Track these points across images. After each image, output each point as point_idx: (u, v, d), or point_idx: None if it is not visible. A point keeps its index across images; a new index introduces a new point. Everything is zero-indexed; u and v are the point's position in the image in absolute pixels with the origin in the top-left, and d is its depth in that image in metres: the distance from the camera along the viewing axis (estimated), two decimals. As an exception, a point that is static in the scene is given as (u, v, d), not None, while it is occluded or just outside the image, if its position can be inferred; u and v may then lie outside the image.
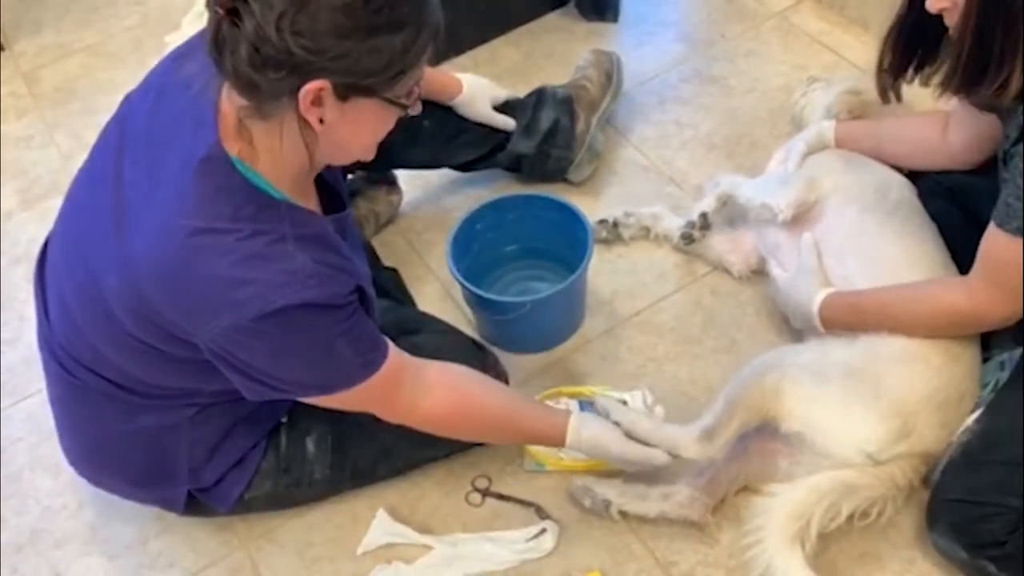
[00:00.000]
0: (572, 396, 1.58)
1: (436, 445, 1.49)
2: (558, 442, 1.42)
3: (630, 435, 1.46)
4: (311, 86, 1.06)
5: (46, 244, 1.40)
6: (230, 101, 1.15)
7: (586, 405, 1.54)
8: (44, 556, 1.56)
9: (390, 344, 1.28)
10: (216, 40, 1.06)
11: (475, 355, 1.53)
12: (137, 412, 1.34)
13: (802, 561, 1.33)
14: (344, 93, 1.09)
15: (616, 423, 1.45)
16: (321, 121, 1.12)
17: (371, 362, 1.25)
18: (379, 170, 1.89)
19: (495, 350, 1.60)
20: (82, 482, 1.52)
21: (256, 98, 1.10)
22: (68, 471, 1.52)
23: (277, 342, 1.17)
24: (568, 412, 1.45)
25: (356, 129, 1.17)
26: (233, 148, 1.16)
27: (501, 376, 1.54)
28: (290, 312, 1.13)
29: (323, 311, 1.17)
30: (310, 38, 1.03)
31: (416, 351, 1.38)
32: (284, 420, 1.44)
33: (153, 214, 1.18)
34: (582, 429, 1.41)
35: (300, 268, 1.14)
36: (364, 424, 1.40)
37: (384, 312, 1.58)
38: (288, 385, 1.23)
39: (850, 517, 1.37)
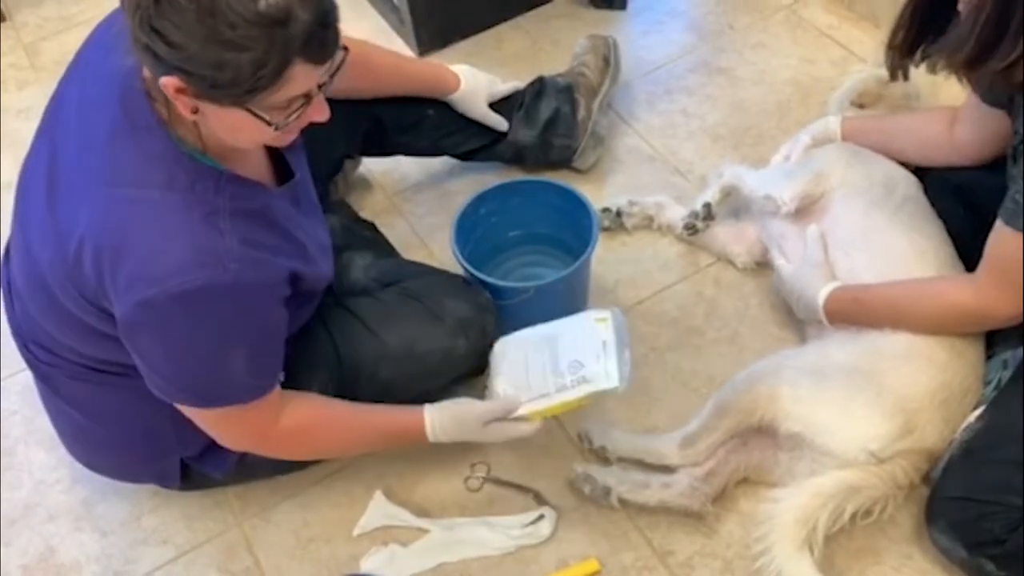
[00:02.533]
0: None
1: (437, 377, 1.52)
2: (419, 436, 1.40)
3: (616, 454, 1.51)
4: (168, 80, 1.05)
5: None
6: None
7: None
8: (37, 530, 1.55)
9: (279, 377, 1.29)
10: (124, 4, 1.04)
11: (466, 292, 1.54)
12: (105, 390, 1.34)
13: (813, 566, 1.33)
14: (199, 94, 1.07)
15: (601, 447, 1.52)
16: (196, 111, 1.10)
17: (259, 388, 1.25)
18: (377, 155, 1.89)
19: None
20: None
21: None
22: (62, 447, 1.51)
23: (178, 330, 1.15)
24: (423, 406, 1.42)
25: (231, 128, 1.14)
26: (164, 114, 1.15)
27: (494, 319, 1.54)
28: (203, 294, 1.12)
29: (236, 301, 1.15)
30: (161, 35, 1.01)
31: (408, 296, 1.42)
32: (281, 378, 1.44)
33: (82, 181, 1.17)
34: (436, 421, 1.39)
35: (225, 250, 1.13)
36: (364, 368, 1.43)
37: (367, 268, 1.60)
38: (170, 384, 1.21)
39: (852, 516, 1.36)
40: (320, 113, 1.16)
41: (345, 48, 1.13)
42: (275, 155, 1.33)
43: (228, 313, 1.16)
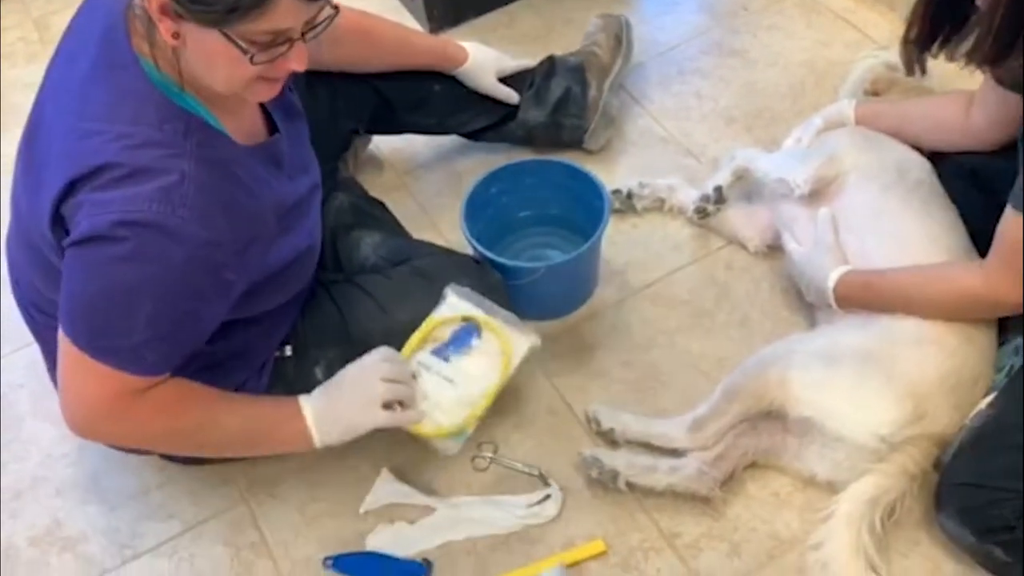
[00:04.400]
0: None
1: None
2: (300, 431, 1.33)
3: (624, 436, 1.49)
4: None
5: None
6: None
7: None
8: (44, 503, 1.55)
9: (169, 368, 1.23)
10: None
11: (475, 271, 1.54)
12: None
13: None
14: (178, 12, 1.06)
15: (610, 429, 1.51)
16: (177, 36, 1.08)
17: (144, 362, 1.18)
18: (385, 133, 1.88)
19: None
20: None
21: None
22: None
23: (101, 259, 1.11)
24: (298, 402, 1.34)
25: (206, 58, 1.11)
26: (145, 49, 1.14)
27: (502, 296, 1.53)
28: (143, 231, 1.09)
29: (169, 253, 1.11)
30: None
31: (418, 275, 1.42)
32: (289, 354, 1.43)
33: (57, 122, 1.17)
34: (316, 404, 1.33)
35: (180, 195, 1.10)
36: (373, 344, 1.41)
37: (376, 246, 1.60)
38: (71, 311, 1.16)
39: (882, 523, 1.36)
40: (300, 62, 1.14)
41: (335, 8, 1.12)
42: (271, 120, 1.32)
43: (155, 262, 1.12)
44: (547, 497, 1.48)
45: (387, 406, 1.36)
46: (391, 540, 1.45)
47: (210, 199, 1.13)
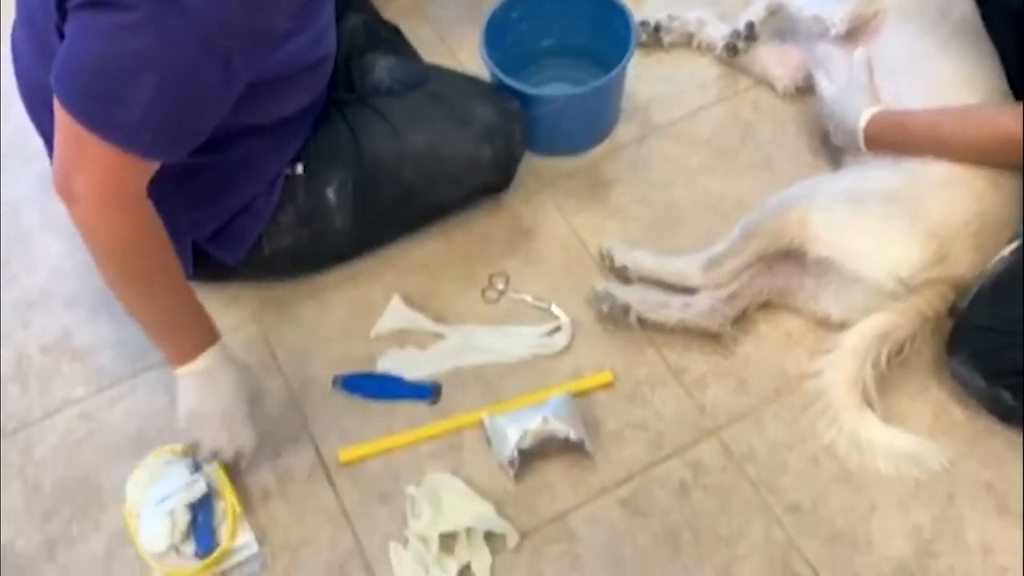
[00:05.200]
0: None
1: (460, 184, 1.49)
2: (193, 343, 1.25)
3: (638, 273, 1.48)
4: None
5: None
6: None
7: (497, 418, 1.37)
8: (55, 315, 1.55)
9: (153, 168, 1.16)
10: None
11: (495, 98, 1.50)
12: None
13: (881, 423, 1.33)
14: None
15: (623, 266, 1.49)
16: None
17: (143, 140, 1.12)
18: None
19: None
20: (94, 247, 1.49)
21: None
22: (79, 235, 1.49)
23: (110, 21, 1.06)
24: (218, 336, 1.28)
25: None
26: None
27: (521, 129, 1.49)
28: (151, 1, 1.03)
29: (173, 30, 1.05)
30: None
31: (434, 98, 1.37)
32: (300, 172, 1.40)
33: None
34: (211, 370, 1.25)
35: None
36: (385, 168, 1.39)
37: (391, 69, 1.55)
38: (71, 77, 1.10)
39: (888, 359, 1.35)
40: None
41: None
42: None
43: (163, 34, 1.06)
44: (557, 328, 1.47)
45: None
46: (401, 363, 1.45)
47: None
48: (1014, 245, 1.36)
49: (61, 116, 1.12)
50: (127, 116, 1.10)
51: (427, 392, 1.42)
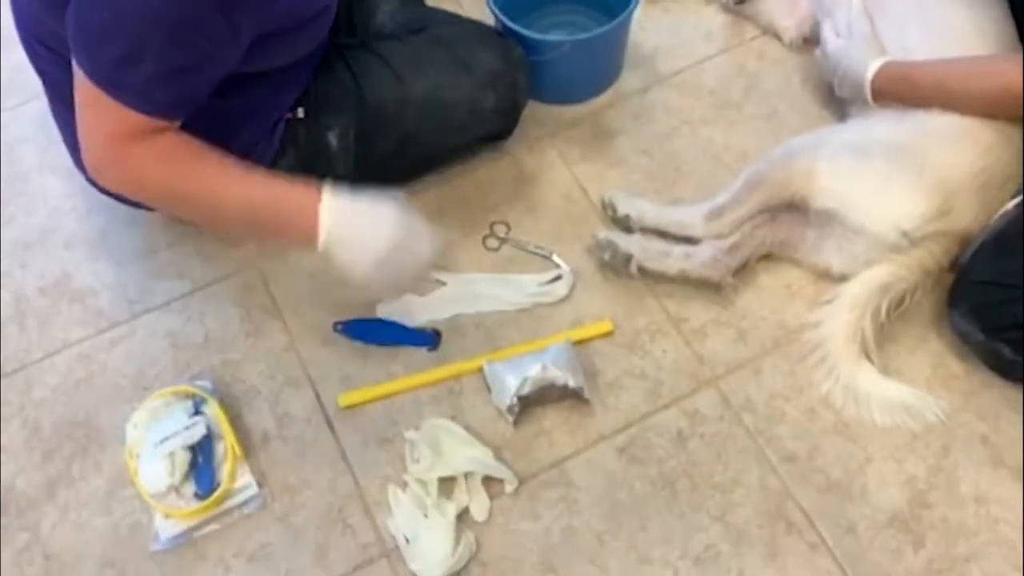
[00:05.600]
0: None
1: (463, 131, 1.48)
2: (305, 218, 1.19)
3: (640, 223, 1.47)
4: None
5: None
6: None
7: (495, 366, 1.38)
8: (53, 255, 1.55)
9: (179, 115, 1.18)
10: None
11: (499, 44, 1.48)
12: None
13: (878, 373, 1.34)
14: None
15: (625, 215, 1.48)
16: None
17: (154, 101, 1.13)
18: None
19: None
20: (93, 188, 1.48)
21: None
22: (79, 176, 1.48)
23: None
24: (319, 188, 1.19)
25: None
26: None
27: (525, 76, 1.48)
28: None
29: None
30: None
31: (437, 43, 1.35)
32: (301, 116, 1.39)
33: None
34: (336, 204, 1.19)
35: None
36: (387, 113, 1.38)
37: (394, 13, 1.53)
38: (85, 40, 1.11)
39: (888, 311, 1.36)
40: None
41: None
42: None
43: None
44: (558, 277, 1.47)
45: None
46: (401, 310, 1.45)
47: None
48: (1017, 200, 1.36)
49: (79, 77, 1.14)
50: (139, 75, 1.11)
51: (428, 339, 1.42)
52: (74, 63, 1.14)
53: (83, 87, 1.15)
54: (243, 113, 1.35)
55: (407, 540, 1.27)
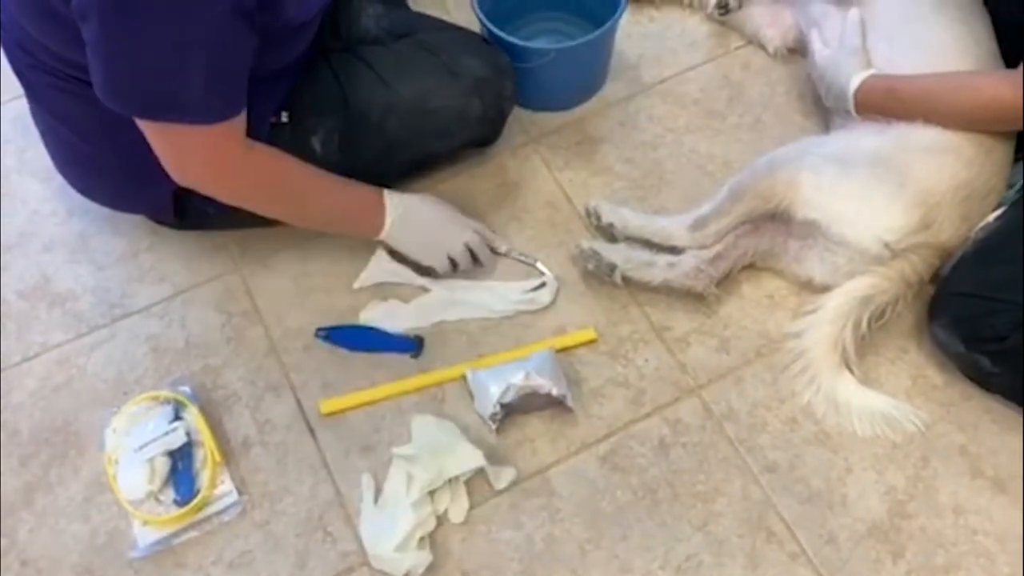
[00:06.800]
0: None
1: (447, 137, 1.48)
2: (376, 213, 1.40)
3: (624, 232, 1.48)
4: None
5: None
6: None
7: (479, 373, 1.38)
8: (33, 259, 1.53)
9: (243, 116, 1.22)
10: None
11: (485, 51, 1.48)
12: (90, 104, 1.22)
13: (858, 384, 1.34)
14: None
15: (609, 224, 1.49)
16: None
17: (217, 109, 1.17)
18: None
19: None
20: (72, 191, 1.47)
21: None
22: (59, 178, 1.47)
23: (133, 14, 1.06)
24: (382, 191, 1.41)
25: None
26: None
27: (511, 84, 1.48)
28: None
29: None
30: None
31: (423, 49, 1.36)
32: (285, 120, 1.39)
33: None
34: (400, 199, 1.40)
35: None
36: (372, 119, 1.39)
37: (379, 18, 1.53)
38: (114, 82, 1.12)
39: (868, 323, 1.37)
40: None
41: None
42: None
43: (190, 5, 1.07)
44: (542, 285, 1.47)
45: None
46: (384, 316, 1.45)
47: None
48: (998, 212, 1.37)
49: (141, 122, 1.17)
50: (191, 95, 1.13)
51: (411, 345, 1.42)
52: (118, 104, 1.15)
53: (151, 131, 1.19)
54: None
55: (373, 503, 1.29)
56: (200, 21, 1.09)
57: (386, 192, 1.40)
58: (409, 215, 1.41)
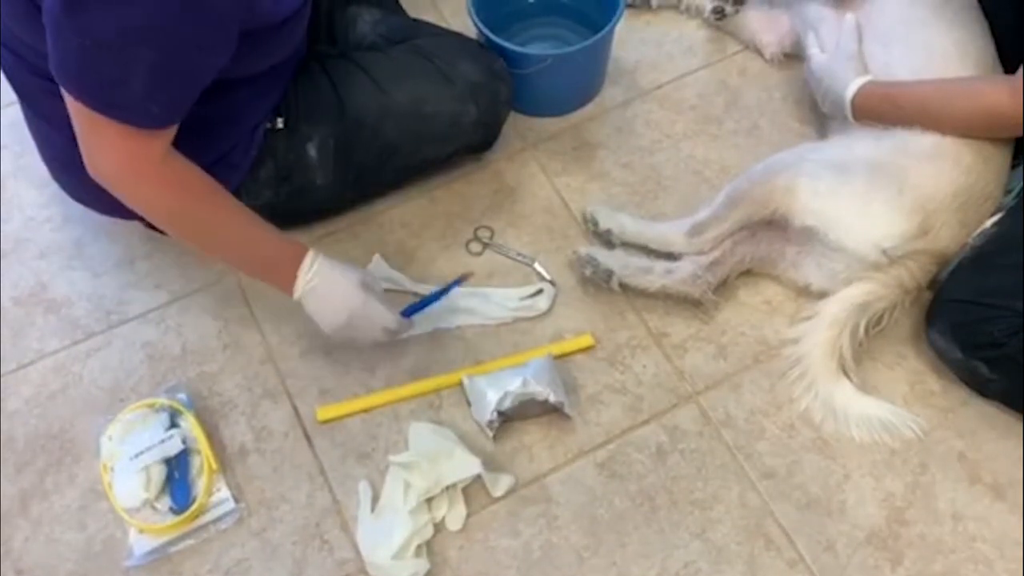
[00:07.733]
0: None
1: (443, 143, 1.48)
2: (290, 267, 1.26)
3: (621, 238, 1.47)
4: None
5: None
6: None
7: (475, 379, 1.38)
8: (28, 265, 1.52)
9: (175, 128, 1.18)
10: None
11: (481, 56, 1.47)
12: None
13: (856, 390, 1.34)
14: None
15: (607, 230, 1.48)
16: None
17: (152, 115, 1.13)
18: None
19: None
20: (68, 197, 1.46)
21: None
22: (54, 184, 1.47)
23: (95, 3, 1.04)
24: (305, 247, 1.28)
25: None
26: None
27: (508, 89, 1.48)
28: None
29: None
30: None
31: (419, 54, 1.35)
32: (280, 126, 1.38)
33: None
34: (317, 262, 1.26)
35: None
36: (367, 124, 1.38)
37: (375, 23, 1.52)
38: (67, 65, 1.09)
39: (866, 329, 1.36)
40: None
41: None
42: None
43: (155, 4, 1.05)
44: (539, 291, 1.47)
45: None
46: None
47: None
48: (996, 218, 1.37)
49: (72, 101, 1.13)
50: (131, 94, 1.10)
51: (455, 284, 1.43)
52: (66, 94, 1.12)
53: (81, 115, 1.14)
54: (218, 120, 1.33)
55: (371, 511, 1.28)
56: (147, 19, 1.06)
57: (309, 256, 1.27)
58: (319, 291, 1.27)
